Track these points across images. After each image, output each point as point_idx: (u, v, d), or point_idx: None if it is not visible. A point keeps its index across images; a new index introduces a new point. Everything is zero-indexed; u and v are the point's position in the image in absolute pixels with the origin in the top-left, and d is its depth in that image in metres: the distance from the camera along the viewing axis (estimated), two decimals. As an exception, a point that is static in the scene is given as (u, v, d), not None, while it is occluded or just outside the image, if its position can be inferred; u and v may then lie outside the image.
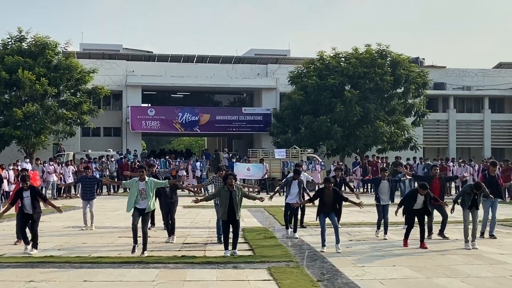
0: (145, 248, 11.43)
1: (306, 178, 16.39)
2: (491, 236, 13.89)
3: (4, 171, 23.35)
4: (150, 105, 48.02)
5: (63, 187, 27.02)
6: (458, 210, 12.93)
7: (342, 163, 34.96)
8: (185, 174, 30.29)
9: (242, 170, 29.84)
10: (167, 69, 46.90)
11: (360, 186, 31.88)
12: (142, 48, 73.12)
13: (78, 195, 26.95)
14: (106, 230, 15.30)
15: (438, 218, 14.01)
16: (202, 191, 25.37)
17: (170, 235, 13.49)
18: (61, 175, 27.32)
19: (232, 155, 37.89)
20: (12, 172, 24.14)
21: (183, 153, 48.73)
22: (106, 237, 14.03)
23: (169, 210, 13.77)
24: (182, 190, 16.28)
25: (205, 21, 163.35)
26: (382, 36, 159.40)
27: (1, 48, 37.08)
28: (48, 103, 36.34)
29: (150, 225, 14.31)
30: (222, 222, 11.79)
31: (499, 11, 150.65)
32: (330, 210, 12.34)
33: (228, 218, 11.47)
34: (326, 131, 38.07)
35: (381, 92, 39.71)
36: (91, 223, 15.62)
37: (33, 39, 36.92)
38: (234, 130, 46.35)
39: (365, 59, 39.71)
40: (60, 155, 34.26)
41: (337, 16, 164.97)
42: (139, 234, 11.49)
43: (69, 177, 27.21)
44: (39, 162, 27.44)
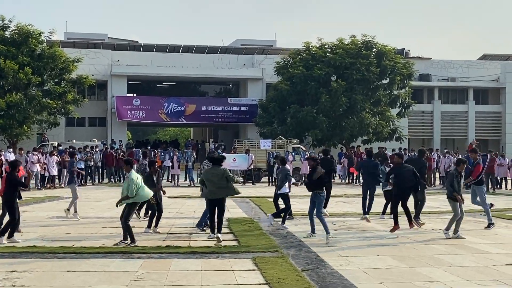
0: (125, 237, 11.39)
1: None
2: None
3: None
4: (135, 95, 47.81)
5: (48, 177, 26.87)
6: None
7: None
8: (170, 164, 30.23)
9: (228, 160, 29.68)
10: (153, 59, 46.67)
11: (345, 176, 32.13)
12: (128, 37, 72.71)
13: (63, 185, 26.88)
14: (90, 221, 15.21)
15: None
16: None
17: (154, 226, 13.24)
18: (45, 165, 27.09)
19: (217, 146, 37.84)
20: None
21: (168, 143, 48.56)
22: (90, 227, 13.94)
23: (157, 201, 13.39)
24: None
25: (191, 10, 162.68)
26: (368, 27, 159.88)
27: (-17, 36, 36.61)
28: (31, 93, 35.99)
29: (141, 214, 14.17)
30: (207, 202, 11.83)
31: (484, 3, 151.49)
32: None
33: (215, 198, 11.68)
34: (312, 122, 38.10)
35: (367, 83, 39.81)
36: (69, 207, 15.46)
37: (16, 28, 36.49)
38: (220, 120, 46.29)
39: (351, 50, 39.75)
40: (44, 145, 33.98)
41: (323, 7, 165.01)
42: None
43: (53, 167, 26.98)
44: (23, 152, 27.21)
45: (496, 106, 51.90)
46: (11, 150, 29.57)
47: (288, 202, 14.27)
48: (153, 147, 39.76)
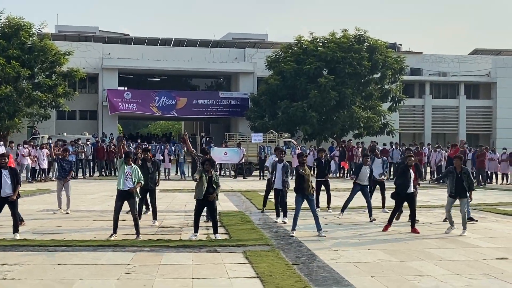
0: (138, 232, 11.29)
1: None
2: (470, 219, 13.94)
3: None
4: (126, 88, 47.63)
5: (39, 170, 26.75)
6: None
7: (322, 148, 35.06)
8: (161, 158, 30.12)
9: (219, 154, 29.74)
10: (144, 52, 46.52)
11: (337, 171, 32.14)
12: (119, 30, 72.69)
13: (53, 179, 26.74)
14: (81, 214, 15.15)
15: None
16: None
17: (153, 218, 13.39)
18: (35, 158, 26.95)
19: (209, 140, 37.79)
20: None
21: (161, 137, 48.50)
22: (81, 220, 13.89)
23: (149, 188, 13.42)
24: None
25: (182, 4, 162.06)
26: (359, 21, 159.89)
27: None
28: (22, 85, 35.78)
29: (145, 209, 14.12)
30: (197, 202, 11.67)
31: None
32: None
33: (203, 198, 11.43)
34: (302, 117, 38.15)
35: (358, 77, 39.87)
36: (67, 208, 15.38)
37: (6, 20, 36.25)
38: (211, 114, 46.25)
39: (342, 44, 39.78)
40: (34, 138, 33.81)
41: (315, 1, 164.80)
42: (138, 226, 11.43)
43: (43, 160, 26.84)
44: (13, 145, 27.03)
45: (487, 101, 52.13)
46: (1, 143, 29.39)
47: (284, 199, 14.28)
48: (144, 141, 39.64)
